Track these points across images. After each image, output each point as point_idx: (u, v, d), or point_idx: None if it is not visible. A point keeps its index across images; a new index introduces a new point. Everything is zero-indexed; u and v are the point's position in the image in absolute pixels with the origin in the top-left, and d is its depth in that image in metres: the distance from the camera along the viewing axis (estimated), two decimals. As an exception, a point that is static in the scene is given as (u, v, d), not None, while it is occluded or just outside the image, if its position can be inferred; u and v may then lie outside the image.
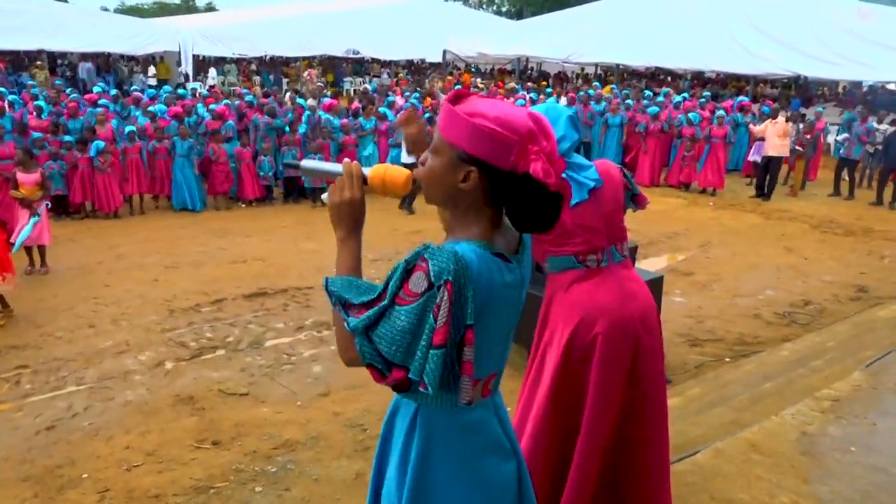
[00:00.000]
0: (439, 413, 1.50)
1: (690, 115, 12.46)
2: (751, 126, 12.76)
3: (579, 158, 2.58)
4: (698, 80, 22.50)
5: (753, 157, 12.28)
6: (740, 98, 15.31)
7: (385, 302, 1.37)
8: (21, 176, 7.04)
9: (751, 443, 3.77)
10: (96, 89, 13.75)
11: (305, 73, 24.35)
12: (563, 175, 2.47)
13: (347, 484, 3.54)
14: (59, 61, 23.53)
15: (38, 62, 19.29)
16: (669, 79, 23.22)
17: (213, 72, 23.12)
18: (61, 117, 10.53)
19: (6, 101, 10.75)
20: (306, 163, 1.67)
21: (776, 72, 17.69)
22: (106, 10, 36.35)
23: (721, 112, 12.59)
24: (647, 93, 16.14)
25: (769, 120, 11.84)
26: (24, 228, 6.70)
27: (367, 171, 1.54)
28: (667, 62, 19.85)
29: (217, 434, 4.06)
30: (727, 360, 5.26)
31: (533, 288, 4.57)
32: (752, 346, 5.54)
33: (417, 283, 1.35)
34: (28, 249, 6.99)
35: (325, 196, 1.55)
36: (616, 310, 2.52)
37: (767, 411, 4.23)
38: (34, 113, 10.37)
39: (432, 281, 1.33)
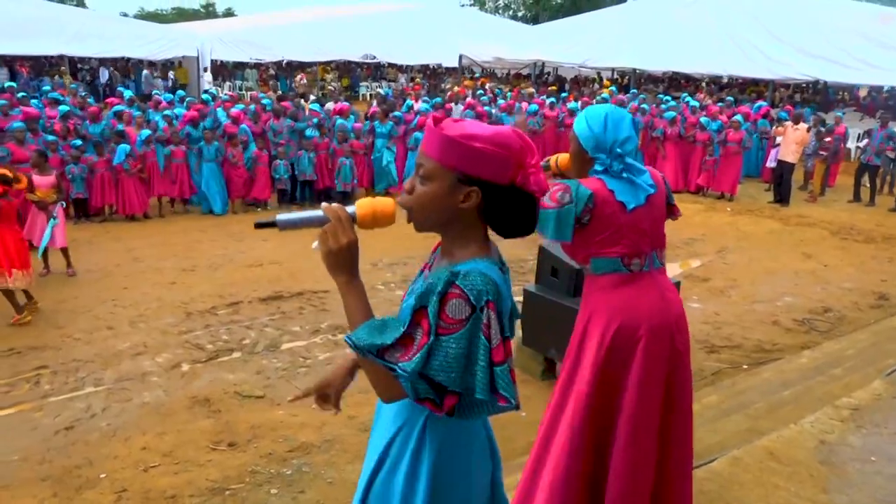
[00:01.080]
0: (446, 424, 1.53)
1: (702, 119, 12.36)
2: (774, 128, 12.62)
3: (635, 162, 2.58)
4: (717, 84, 22.36)
5: (771, 163, 12.17)
6: (761, 103, 15.08)
7: (431, 339, 1.37)
8: (36, 178, 7.03)
9: (769, 451, 3.72)
10: (128, 94, 13.86)
11: (298, 77, 24.47)
12: (624, 177, 2.50)
13: (362, 487, 3.54)
14: (79, 66, 23.87)
15: (62, 68, 19.55)
16: (693, 84, 23.07)
17: (207, 76, 23.22)
18: (84, 121, 10.66)
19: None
20: (282, 216, 1.54)
21: (794, 76, 17.53)
22: (126, 15, 36.83)
23: (738, 117, 12.45)
24: (667, 98, 15.87)
25: (790, 123, 11.71)
26: (45, 232, 6.78)
27: (350, 209, 1.49)
28: (684, 67, 19.75)
29: (233, 436, 4.09)
30: (745, 367, 5.21)
31: (565, 300, 4.40)
32: (770, 353, 5.49)
33: (458, 309, 1.38)
34: (44, 252, 7.03)
35: (315, 245, 1.47)
36: (656, 316, 2.53)
37: (786, 419, 4.17)
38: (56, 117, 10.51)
39: (474, 304, 1.37)
